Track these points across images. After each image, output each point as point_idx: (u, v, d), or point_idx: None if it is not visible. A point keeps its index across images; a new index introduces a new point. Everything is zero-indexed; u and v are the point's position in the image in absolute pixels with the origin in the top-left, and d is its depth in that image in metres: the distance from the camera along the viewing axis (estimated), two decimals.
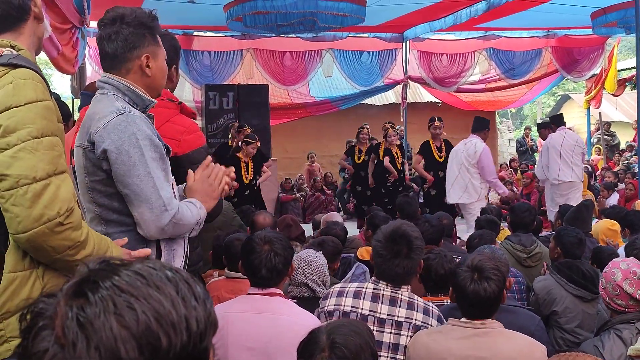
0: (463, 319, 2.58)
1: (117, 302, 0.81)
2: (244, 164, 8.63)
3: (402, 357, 2.66)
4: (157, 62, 2.32)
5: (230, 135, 9.58)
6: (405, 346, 2.66)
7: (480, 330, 2.53)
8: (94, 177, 2.20)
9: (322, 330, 1.96)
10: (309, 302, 3.21)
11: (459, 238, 6.66)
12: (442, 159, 8.97)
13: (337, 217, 6.24)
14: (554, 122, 9.11)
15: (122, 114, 2.16)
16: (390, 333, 2.69)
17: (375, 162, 9.76)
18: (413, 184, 10.14)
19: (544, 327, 3.27)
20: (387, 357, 2.67)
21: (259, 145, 8.84)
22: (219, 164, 2.52)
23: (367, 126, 10.94)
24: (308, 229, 6.68)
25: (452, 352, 2.50)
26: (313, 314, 2.85)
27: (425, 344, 2.57)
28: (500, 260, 3.33)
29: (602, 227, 5.67)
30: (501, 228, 5.82)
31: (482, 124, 8.44)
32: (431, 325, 2.70)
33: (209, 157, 2.55)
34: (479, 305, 2.55)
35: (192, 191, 2.42)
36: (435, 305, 2.90)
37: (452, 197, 8.07)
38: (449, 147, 8.97)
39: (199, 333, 0.85)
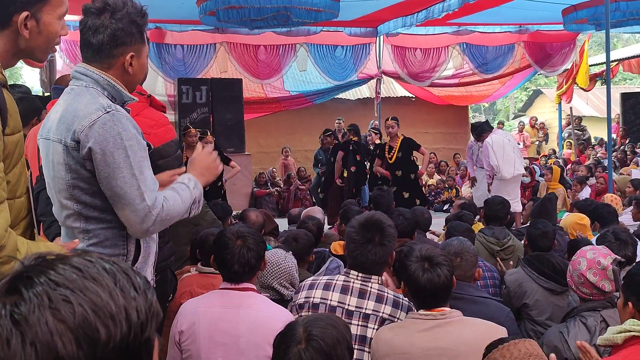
0: (422, 311, 2.60)
1: (52, 296, 0.80)
2: None
3: (369, 350, 2.67)
4: (140, 60, 2.26)
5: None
6: (371, 339, 2.67)
7: (441, 321, 2.54)
8: (76, 175, 2.13)
9: (298, 323, 1.96)
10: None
11: (431, 232, 6.70)
12: (394, 159, 9.29)
13: (318, 212, 6.21)
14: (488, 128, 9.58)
15: (108, 112, 2.09)
16: (358, 325, 2.70)
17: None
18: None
19: (513, 318, 3.30)
20: (355, 348, 2.64)
21: (212, 139, 8.78)
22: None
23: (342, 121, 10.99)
24: (283, 223, 6.67)
25: (415, 345, 2.51)
26: None
27: (389, 340, 2.57)
28: (468, 251, 3.35)
29: (571, 221, 5.74)
30: (474, 222, 5.87)
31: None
32: (399, 319, 2.71)
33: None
34: (434, 293, 2.56)
35: (194, 163, 2.39)
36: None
37: (519, 170, 9.06)
38: (406, 143, 9.35)
39: (139, 323, 0.84)
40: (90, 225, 2.19)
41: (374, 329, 2.68)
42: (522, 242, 4.68)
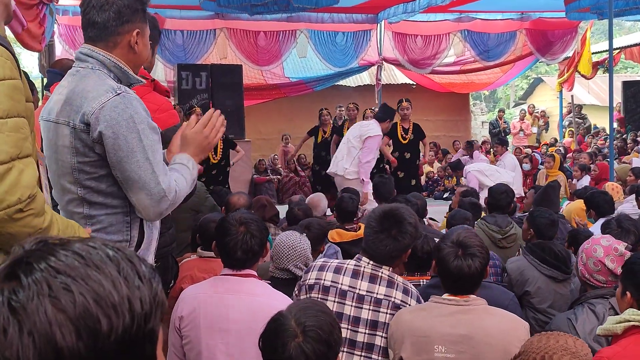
0: (446, 296, 2.58)
1: (52, 284, 0.77)
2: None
3: (381, 334, 2.66)
4: (144, 39, 2.25)
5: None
6: (385, 323, 2.66)
7: (463, 308, 2.52)
8: (83, 158, 2.11)
9: (287, 316, 1.90)
10: (289, 282, 3.21)
11: (433, 219, 6.68)
12: (407, 140, 9.29)
13: (323, 199, 6.18)
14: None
15: (119, 94, 2.07)
16: (369, 310, 2.69)
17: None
18: (386, 166, 10.22)
19: (517, 302, 3.29)
20: (365, 333, 2.66)
21: (200, 112, 8.76)
22: (219, 112, 2.43)
23: (336, 108, 10.97)
24: (283, 210, 6.64)
25: (435, 329, 2.49)
26: (291, 295, 2.85)
27: (409, 322, 2.55)
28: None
29: (576, 207, 5.71)
30: None
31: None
32: (410, 305, 2.70)
33: (218, 111, 2.44)
34: (461, 282, 2.55)
35: (187, 142, 2.36)
36: (412, 284, 2.90)
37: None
38: (417, 129, 9.38)
39: (143, 314, 0.81)
40: (93, 211, 2.16)
41: (386, 313, 2.67)
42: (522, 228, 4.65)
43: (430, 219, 6.30)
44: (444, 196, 12.47)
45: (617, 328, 2.39)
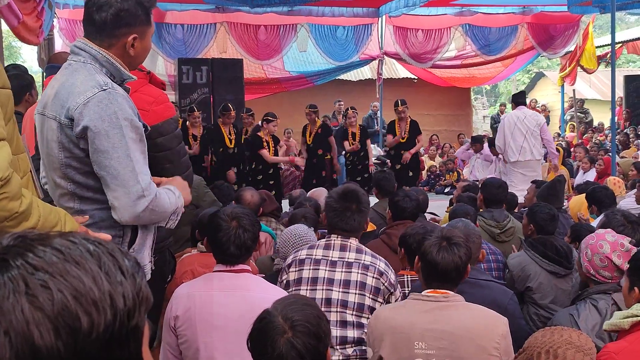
0: (425, 292, 2.58)
1: (29, 281, 0.73)
2: (265, 143, 8.98)
3: (354, 292, 2.92)
4: (143, 42, 2.21)
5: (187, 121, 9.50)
6: (357, 282, 2.92)
7: (442, 304, 2.52)
8: (69, 154, 2.08)
9: (273, 313, 1.87)
10: None
11: (435, 214, 6.66)
12: (405, 139, 9.87)
13: (324, 193, 6.16)
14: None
15: (104, 90, 2.04)
16: (342, 271, 2.96)
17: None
18: (387, 160, 10.35)
19: (517, 301, 3.27)
20: (339, 291, 2.91)
21: (278, 123, 9.15)
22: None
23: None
24: (284, 204, 6.63)
25: (414, 325, 2.49)
26: None
27: (387, 319, 2.56)
28: (474, 233, 3.32)
29: (585, 201, 5.65)
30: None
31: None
32: (379, 267, 2.96)
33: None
34: (447, 274, 2.56)
35: (175, 183, 2.36)
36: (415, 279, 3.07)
37: (526, 156, 8.79)
38: (414, 126, 9.89)
39: (126, 310, 0.78)
40: (84, 206, 2.13)
41: (357, 273, 2.95)
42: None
43: (431, 213, 6.27)
44: (445, 191, 12.45)
45: (624, 323, 2.37)
